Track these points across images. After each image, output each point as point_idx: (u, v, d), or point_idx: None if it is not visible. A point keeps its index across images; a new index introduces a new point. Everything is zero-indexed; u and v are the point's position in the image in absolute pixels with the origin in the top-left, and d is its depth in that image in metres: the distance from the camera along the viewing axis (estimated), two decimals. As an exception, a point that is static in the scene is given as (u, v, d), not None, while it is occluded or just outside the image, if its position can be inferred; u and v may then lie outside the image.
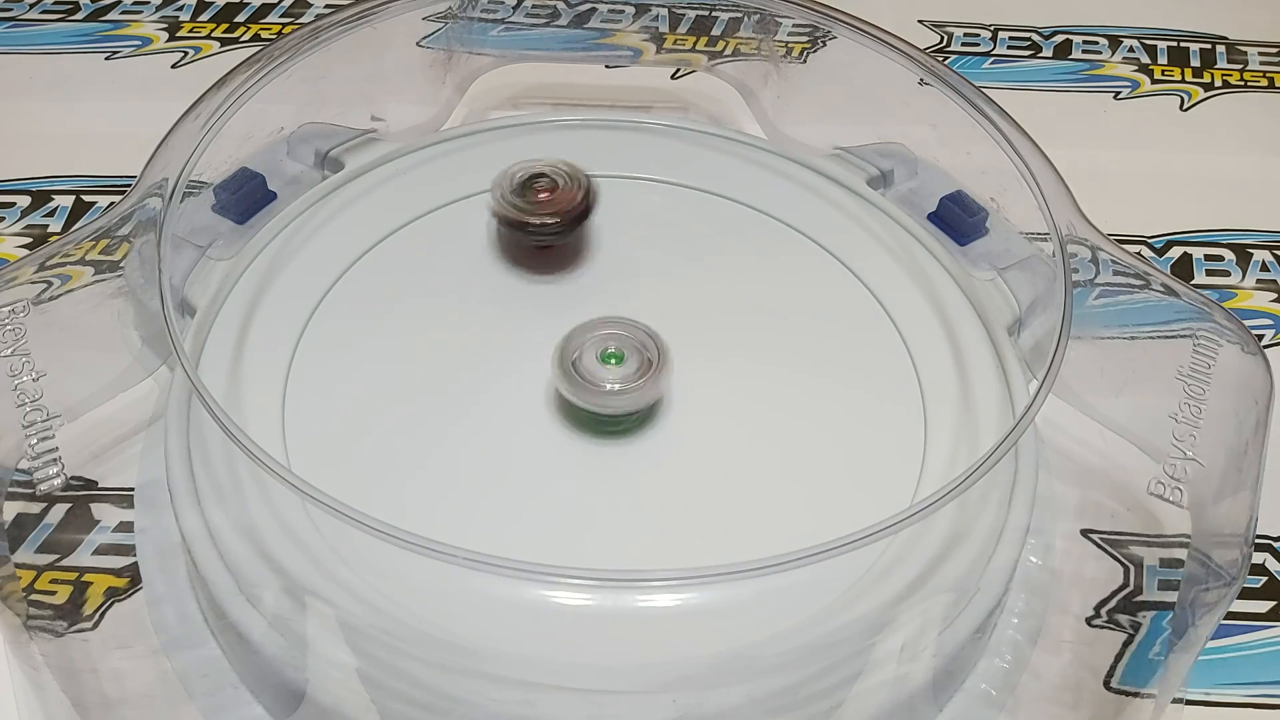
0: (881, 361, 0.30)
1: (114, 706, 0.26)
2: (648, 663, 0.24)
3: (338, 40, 0.32)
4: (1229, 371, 0.27)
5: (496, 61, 0.39)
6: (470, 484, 0.27)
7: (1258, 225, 0.40)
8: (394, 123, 0.36)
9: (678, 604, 0.24)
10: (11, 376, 0.26)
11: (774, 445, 0.28)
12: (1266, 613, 0.29)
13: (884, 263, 0.32)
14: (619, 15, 0.42)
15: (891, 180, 0.35)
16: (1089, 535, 0.30)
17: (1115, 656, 0.27)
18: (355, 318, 0.30)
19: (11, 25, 0.45)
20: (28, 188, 0.39)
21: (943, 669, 0.25)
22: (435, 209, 0.33)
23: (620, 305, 0.28)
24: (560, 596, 0.24)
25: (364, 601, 0.24)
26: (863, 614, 0.25)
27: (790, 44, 0.39)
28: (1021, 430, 0.24)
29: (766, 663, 0.24)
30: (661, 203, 0.34)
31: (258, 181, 0.33)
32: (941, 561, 0.26)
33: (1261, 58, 0.47)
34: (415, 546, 0.21)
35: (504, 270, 0.32)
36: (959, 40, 0.47)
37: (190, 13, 0.46)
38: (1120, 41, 0.47)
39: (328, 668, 0.24)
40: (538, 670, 0.24)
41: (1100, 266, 0.29)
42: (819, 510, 0.27)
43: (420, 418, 0.28)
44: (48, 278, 0.28)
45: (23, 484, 0.26)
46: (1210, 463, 0.26)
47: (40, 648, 0.26)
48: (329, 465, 0.27)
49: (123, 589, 0.28)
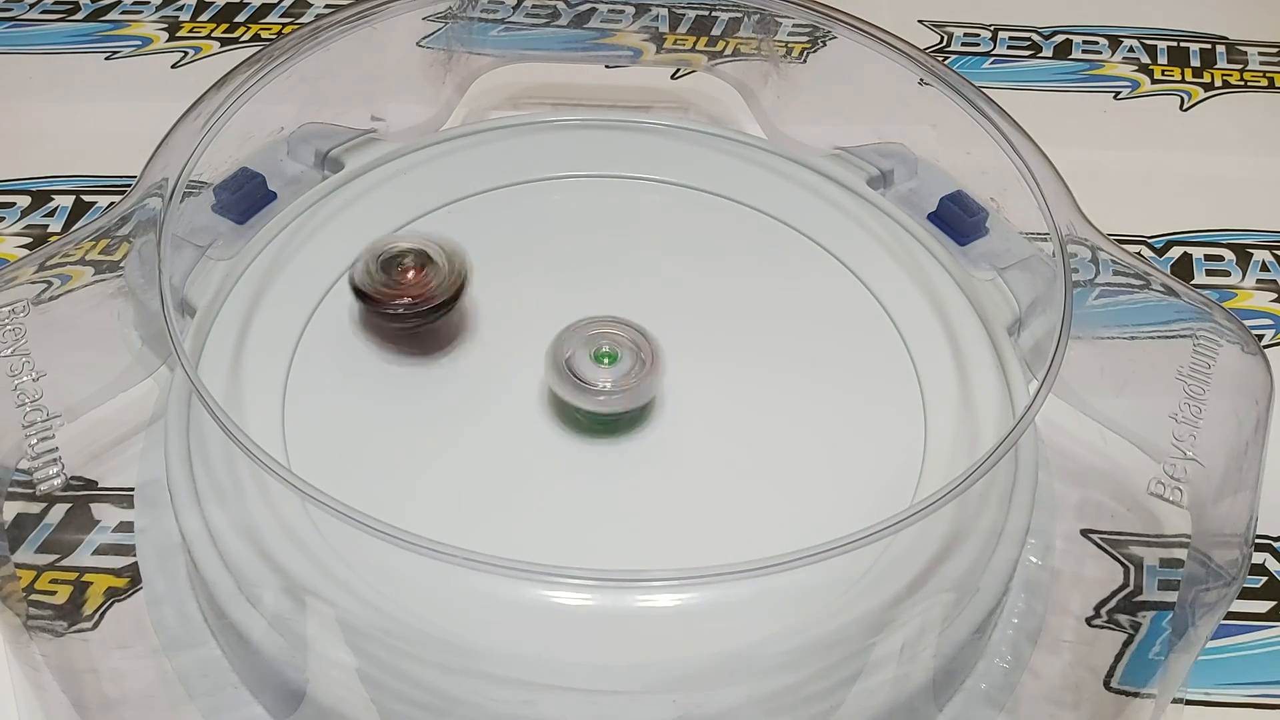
0: (881, 361, 0.30)
1: (114, 706, 0.26)
2: (648, 663, 0.24)
3: (338, 40, 0.32)
4: (1229, 371, 0.27)
5: (496, 61, 0.39)
6: (470, 484, 0.27)
7: (1258, 225, 0.40)
8: (394, 123, 0.36)
9: (678, 604, 0.24)
10: (11, 376, 0.26)
11: (774, 445, 0.28)
12: (1266, 613, 0.29)
13: (884, 263, 0.32)
14: (619, 15, 0.42)
15: (891, 180, 0.35)
16: (1089, 535, 0.30)
17: (1115, 656, 0.27)
18: (356, 318, 0.30)
19: (11, 25, 0.45)
20: (28, 188, 0.39)
21: (943, 669, 0.25)
22: (435, 209, 0.33)
23: (620, 305, 0.28)
24: (560, 596, 0.24)
25: (364, 601, 0.24)
26: (863, 614, 0.25)
27: (790, 44, 0.39)
28: (1021, 430, 0.24)
29: (766, 663, 0.24)
30: (661, 203, 0.34)
31: (258, 181, 0.33)
32: (941, 561, 0.26)
33: (1261, 58, 0.47)
34: (415, 546, 0.21)
35: (504, 270, 0.32)
36: (959, 40, 0.47)
37: (190, 13, 0.46)
38: (1120, 41, 0.47)
39: (328, 668, 0.24)
40: (538, 670, 0.24)
41: (1100, 266, 0.29)
42: (819, 510, 0.27)
43: (420, 418, 0.28)
44: (48, 278, 0.28)
45: (23, 484, 0.26)
46: (1210, 463, 0.26)
47: (40, 648, 0.26)
48: (329, 465, 0.27)
49: (123, 589, 0.28)
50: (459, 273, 0.28)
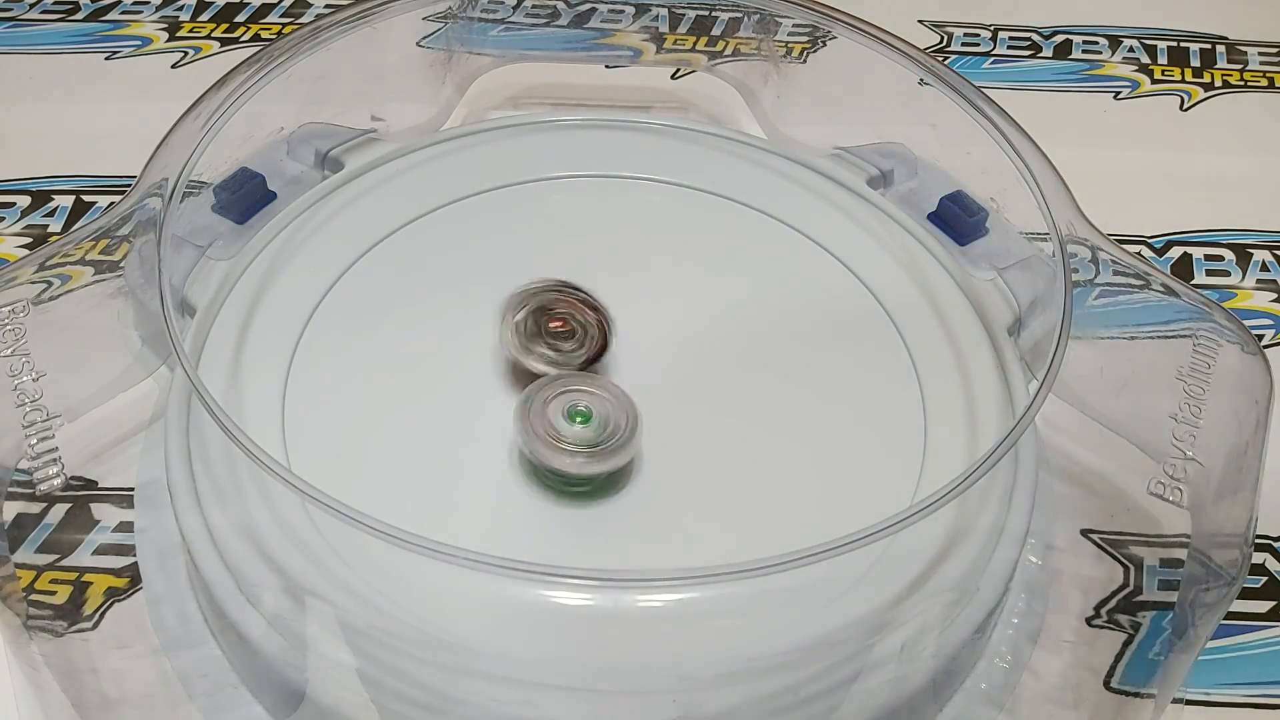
0: (881, 361, 0.30)
1: (114, 706, 0.26)
2: (648, 663, 0.24)
3: (338, 40, 0.32)
4: (1229, 371, 0.27)
5: (496, 61, 0.39)
6: (470, 484, 0.27)
7: (1258, 225, 0.40)
8: (394, 123, 0.36)
9: (678, 604, 0.24)
10: (11, 376, 0.26)
11: (773, 445, 0.28)
12: (1266, 613, 0.29)
13: (884, 263, 0.32)
14: (619, 15, 0.42)
15: (891, 180, 0.35)
16: (1089, 535, 0.30)
17: (1115, 656, 0.27)
18: (355, 318, 0.30)
19: (11, 25, 0.45)
20: (28, 188, 0.39)
21: (943, 669, 0.25)
22: (435, 209, 0.33)
23: (620, 305, 0.28)
24: (560, 596, 0.24)
25: (364, 601, 0.24)
26: (863, 614, 0.25)
27: (790, 44, 0.39)
28: (1021, 430, 0.24)
29: (766, 663, 0.24)
30: (661, 203, 0.34)
31: (258, 181, 0.33)
32: (941, 561, 0.26)
33: (1261, 58, 0.47)
34: (415, 546, 0.21)
35: (503, 270, 0.31)
36: (959, 40, 0.47)
37: (190, 13, 0.46)
38: (1120, 41, 0.47)
39: (328, 668, 0.24)
40: (538, 670, 0.24)
41: (1100, 266, 0.29)
42: (819, 510, 0.27)
43: (420, 418, 0.28)
44: (48, 278, 0.28)
45: (23, 484, 0.26)
46: (1210, 463, 0.26)
47: (40, 648, 0.26)
48: (329, 465, 0.27)
49: (123, 589, 0.27)
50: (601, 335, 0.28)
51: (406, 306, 0.31)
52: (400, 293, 0.31)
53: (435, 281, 0.31)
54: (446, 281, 0.31)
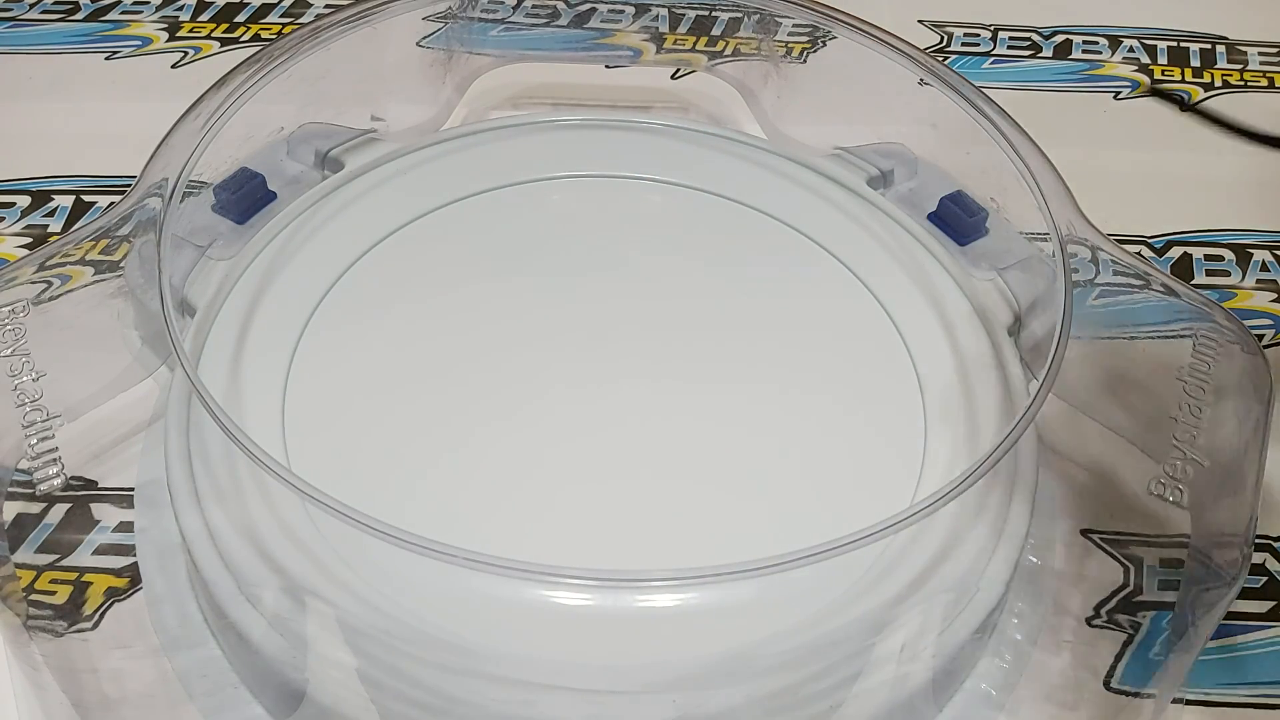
0: (881, 361, 0.30)
1: (114, 706, 0.26)
2: (648, 663, 0.24)
3: (338, 40, 0.32)
4: (1229, 371, 0.27)
5: (496, 61, 0.39)
6: (470, 484, 0.27)
7: (1258, 225, 0.39)
8: (394, 123, 0.36)
9: (678, 604, 0.24)
10: (11, 376, 0.26)
11: (774, 445, 0.28)
12: (1266, 613, 0.29)
13: (884, 263, 0.32)
14: (619, 15, 0.42)
15: (891, 180, 0.35)
16: (1089, 535, 0.30)
17: (1115, 656, 0.27)
18: (355, 318, 0.30)
19: (11, 25, 0.45)
20: (28, 188, 0.39)
21: (943, 669, 0.25)
22: (435, 209, 0.33)
23: (621, 305, 0.28)
24: (560, 596, 0.24)
25: (364, 601, 0.24)
26: (863, 614, 0.25)
27: (790, 44, 0.39)
28: (1021, 430, 0.24)
29: (766, 663, 0.24)
30: (661, 203, 0.34)
31: (258, 181, 0.33)
32: (941, 561, 0.26)
33: (1261, 58, 0.47)
34: (415, 546, 0.21)
35: (503, 270, 0.32)
36: (959, 40, 0.47)
37: (190, 13, 0.46)
38: (1120, 41, 0.47)
39: (328, 668, 0.24)
40: (538, 670, 0.24)
41: (1100, 266, 0.29)
42: (819, 511, 0.27)
43: (420, 418, 0.28)
44: (48, 278, 0.28)
45: (23, 484, 0.26)
46: (1210, 463, 0.26)
47: (40, 648, 0.26)
48: (329, 465, 0.27)
49: (123, 589, 0.27)
50: None
51: (406, 306, 0.31)
52: (400, 293, 0.31)
53: (435, 281, 0.31)
54: (446, 281, 0.31)
